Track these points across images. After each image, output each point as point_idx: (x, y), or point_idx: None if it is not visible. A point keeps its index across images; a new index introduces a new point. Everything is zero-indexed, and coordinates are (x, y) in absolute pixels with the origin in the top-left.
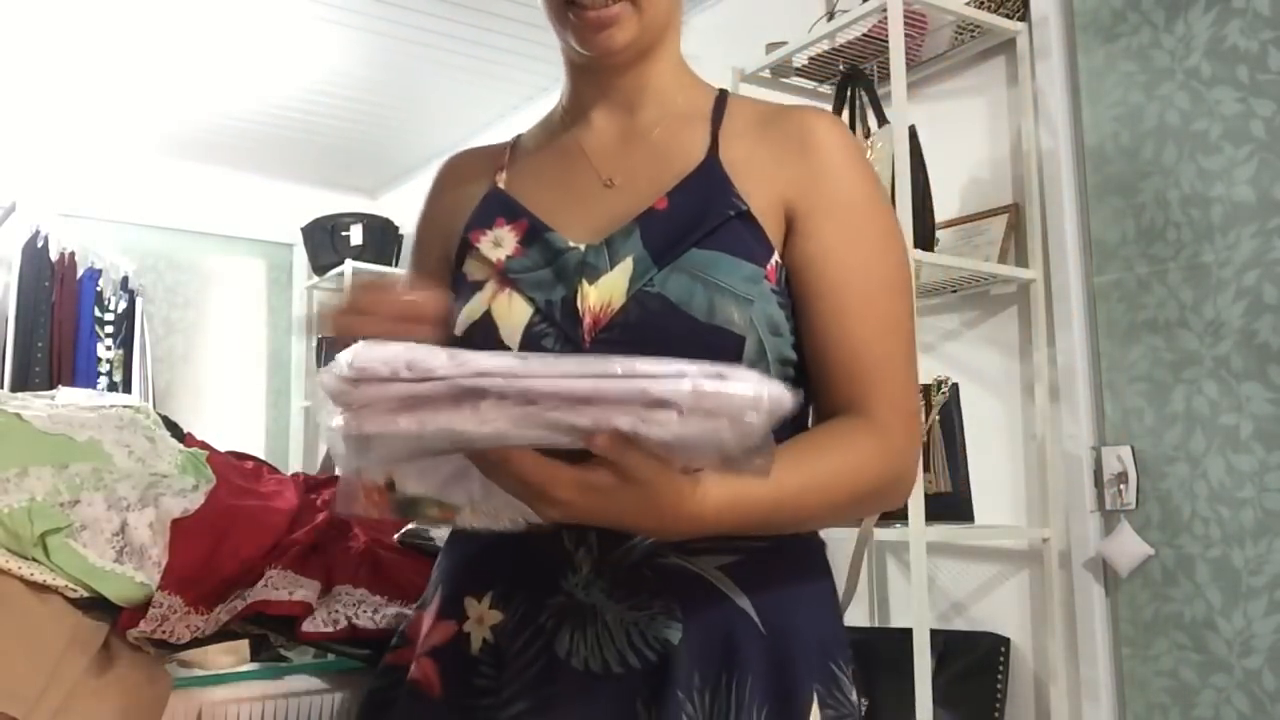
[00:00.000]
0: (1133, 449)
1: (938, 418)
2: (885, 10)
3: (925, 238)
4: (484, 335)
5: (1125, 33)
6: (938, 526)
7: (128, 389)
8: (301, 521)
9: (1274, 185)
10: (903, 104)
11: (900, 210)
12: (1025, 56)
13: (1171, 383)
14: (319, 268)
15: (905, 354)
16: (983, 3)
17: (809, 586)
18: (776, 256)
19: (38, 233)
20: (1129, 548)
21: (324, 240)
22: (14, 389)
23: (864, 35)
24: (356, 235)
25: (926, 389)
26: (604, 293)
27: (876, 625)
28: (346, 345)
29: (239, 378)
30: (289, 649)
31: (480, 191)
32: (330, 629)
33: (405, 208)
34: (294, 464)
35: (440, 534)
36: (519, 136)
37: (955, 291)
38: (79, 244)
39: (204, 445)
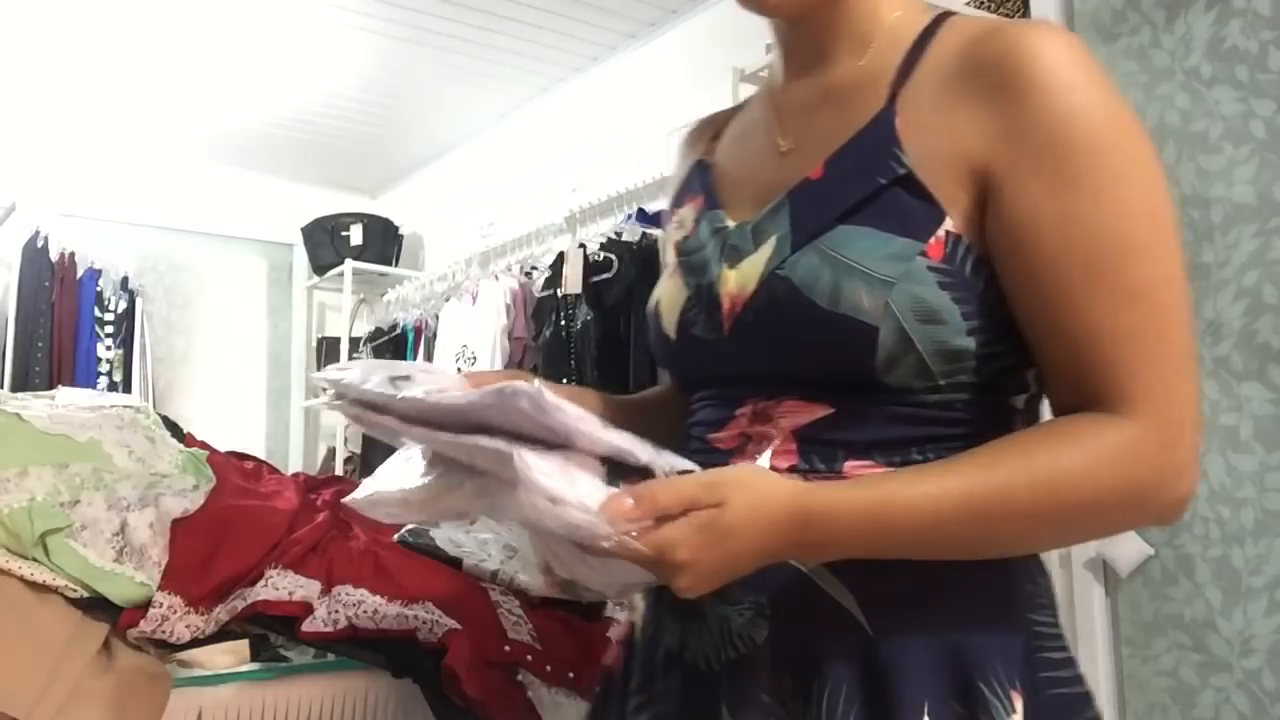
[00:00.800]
0: None
1: None
2: None
3: None
4: (657, 322)
5: (1125, 33)
6: None
7: (128, 389)
8: (302, 521)
9: (1274, 185)
10: None
11: None
12: None
13: None
14: (319, 268)
15: (1159, 327)
16: (983, 3)
17: (951, 586)
18: (949, 224)
19: (38, 233)
20: (1129, 548)
21: (324, 240)
22: (14, 389)
23: None
24: (356, 235)
25: None
26: (743, 277)
27: None
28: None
29: (239, 378)
30: (289, 649)
31: (691, 164)
32: (330, 629)
33: (405, 208)
34: (294, 464)
35: (439, 534)
36: (752, 97)
37: None
38: (79, 244)
39: (204, 445)
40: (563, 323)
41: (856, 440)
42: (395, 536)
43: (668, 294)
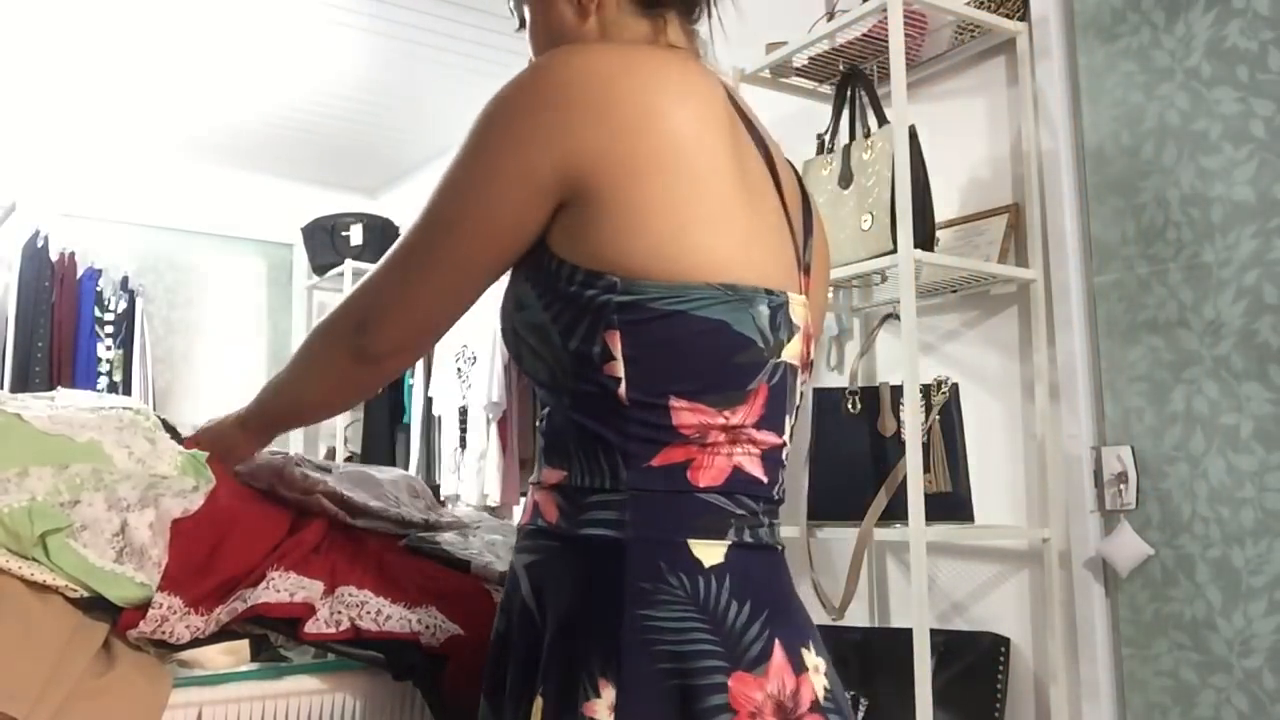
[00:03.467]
0: (1133, 449)
1: (938, 418)
2: (885, 10)
3: (925, 238)
4: None
5: (1125, 33)
6: (938, 526)
7: (128, 389)
8: (304, 522)
9: (1274, 185)
10: (903, 104)
11: (900, 210)
12: (1025, 56)
13: (1171, 383)
14: (319, 268)
15: (386, 264)
16: (983, 3)
17: (580, 588)
18: None
19: (38, 233)
20: (1129, 548)
21: (324, 240)
22: (14, 389)
23: (864, 35)
24: (356, 235)
25: (926, 389)
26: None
27: (876, 625)
28: None
29: (239, 378)
30: (289, 649)
31: None
32: (333, 630)
33: (405, 208)
34: None
35: (446, 538)
36: None
37: (955, 291)
38: (79, 244)
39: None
40: None
41: None
42: (402, 542)
43: None
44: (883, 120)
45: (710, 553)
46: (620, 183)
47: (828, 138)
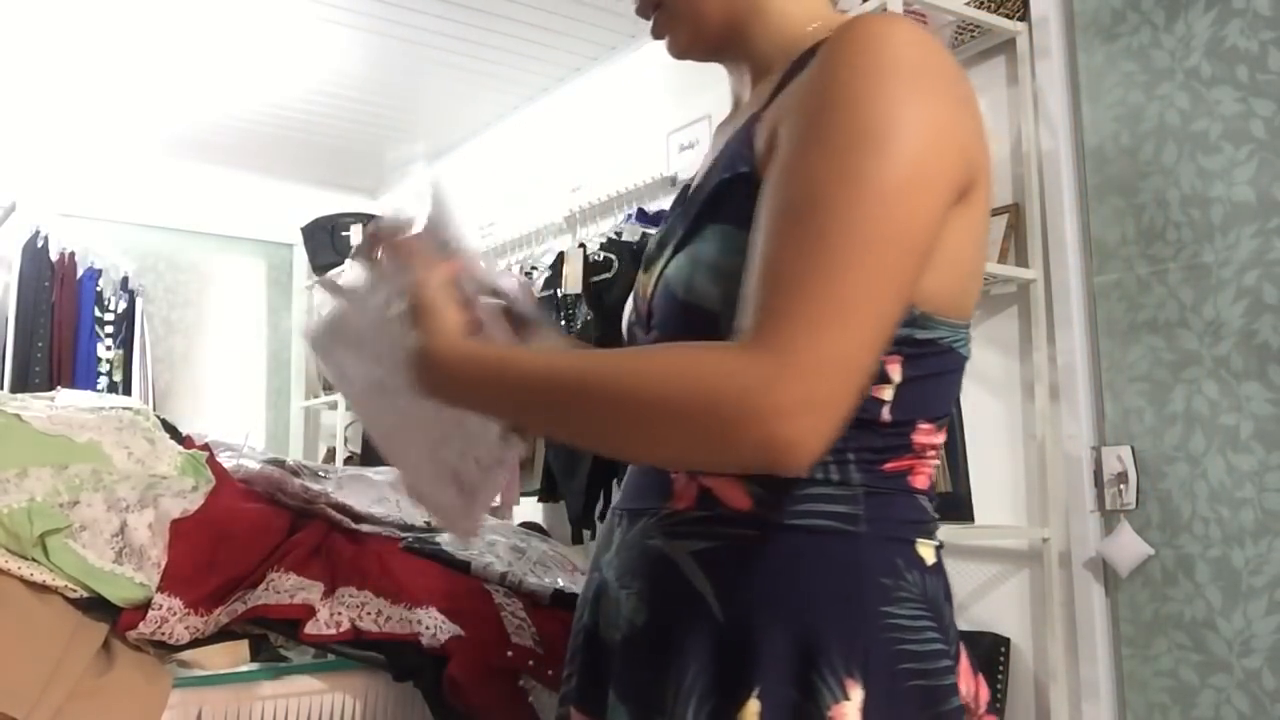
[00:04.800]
0: (1133, 449)
1: None
2: (885, 10)
3: None
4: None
5: (1125, 33)
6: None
7: (128, 389)
8: (303, 523)
9: (1274, 185)
10: None
11: None
12: (1025, 56)
13: (1171, 383)
14: (319, 268)
15: (817, 273)
16: (983, 3)
17: (807, 583)
18: None
19: (38, 233)
20: (1129, 548)
21: (324, 240)
22: (14, 389)
23: None
24: (356, 235)
25: None
26: (650, 282)
27: None
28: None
29: (239, 378)
30: (289, 649)
31: None
32: (333, 631)
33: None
34: None
35: (446, 539)
36: None
37: None
38: (79, 244)
39: (204, 447)
40: (563, 322)
41: None
42: (402, 544)
43: (630, 300)
44: None
45: (929, 553)
46: (978, 199)
47: None
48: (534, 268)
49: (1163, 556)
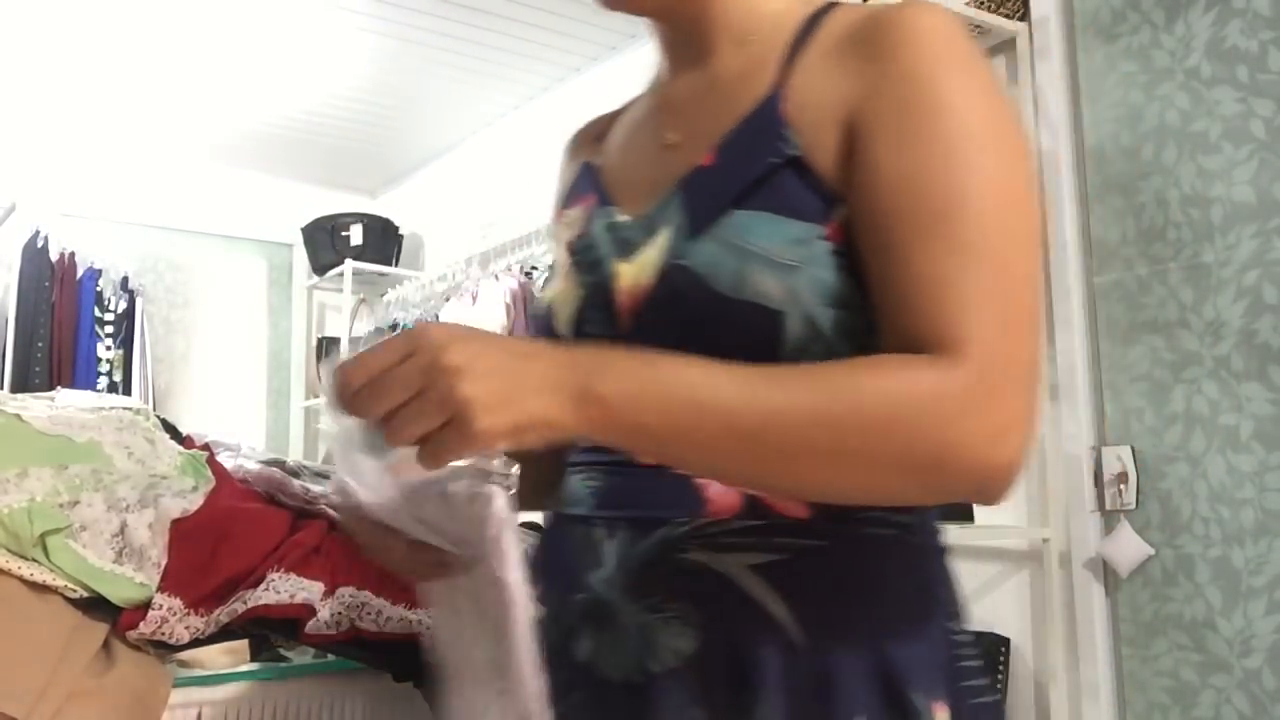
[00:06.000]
0: (1133, 449)
1: None
2: None
3: None
4: (549, 325)
5: (1125, 33)
6: None
7: (128, 389)
8: (303, 523)
9: (1274, 185)
10: None
11: None
12: (1025, 56)
13: (1171, 383)
14: (319, 268)
15: (992, 280)
16: (983, 3)
17: (883, 598)
18: (846, 209)
19: (38, 233)
20: (1129, 548)
21: (324, 240)
22: (14, 389)
23: None
24: (356, 235)
25: None
26: (637, 271)
27: None
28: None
29: (239, 378)
30: (289, 649)
31: (578, 167)
32: (333, 631)
33: (405, 208)
34: None
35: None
36: (637, 97)
37: None
38: (79, 244)
39: (204, 447)
40: None
41: None
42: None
43: (560, 295)
44: None
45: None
46: None
47: None
48: (534, 268)
49: (1163, 556)
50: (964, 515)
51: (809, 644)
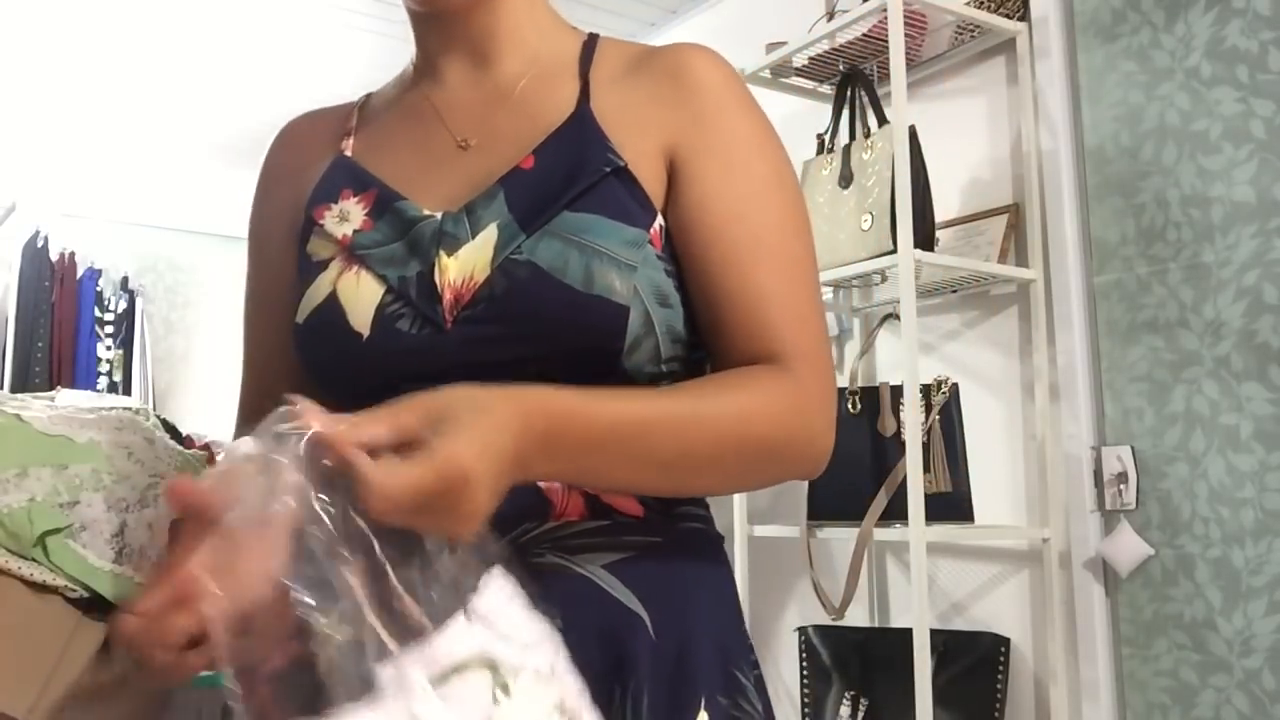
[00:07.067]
0: (1133, 449)
1: (938, 418)
2: (885, 10)
3: (925, 238)
4: (330, 320)
5: (1125, 33)
6: (938, 526)
7: (128, 389)
8: None
9: (1274, 185)
10: (903, 104)
11: (900, 210)
12: (1025, 56)
13: (1171, 383)
14: None
15: (809, 297)
16: (983, 3)
17: (707, 585)
18: (660, 220)
19: (38, 233)
20: (1129, 548)
21: None
22: (14, 389)
23: (864, 35)
24: None
25: (926, 389)
26: (465, 265)
27: (876, 625)
28: None
29: (239, 378)
30: None
31: (324, 161)
32: None
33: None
34: None
35: None
36: (369, 96)
37: (955, 291)
38: (79, 244)
39: (204, 447)
40: None
41: None
42: None
43: (348, 288)
44: (883, 120)
45: None
46: None
47: (827, 138)
48: None
49: (1163, 556)
50: (964, 515)
51: (663, 633)
